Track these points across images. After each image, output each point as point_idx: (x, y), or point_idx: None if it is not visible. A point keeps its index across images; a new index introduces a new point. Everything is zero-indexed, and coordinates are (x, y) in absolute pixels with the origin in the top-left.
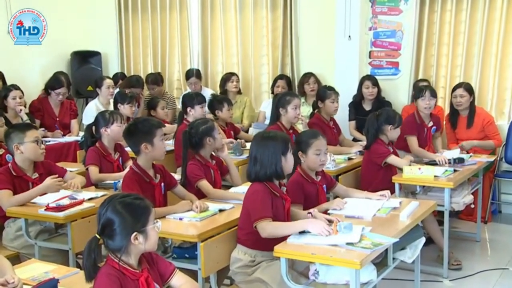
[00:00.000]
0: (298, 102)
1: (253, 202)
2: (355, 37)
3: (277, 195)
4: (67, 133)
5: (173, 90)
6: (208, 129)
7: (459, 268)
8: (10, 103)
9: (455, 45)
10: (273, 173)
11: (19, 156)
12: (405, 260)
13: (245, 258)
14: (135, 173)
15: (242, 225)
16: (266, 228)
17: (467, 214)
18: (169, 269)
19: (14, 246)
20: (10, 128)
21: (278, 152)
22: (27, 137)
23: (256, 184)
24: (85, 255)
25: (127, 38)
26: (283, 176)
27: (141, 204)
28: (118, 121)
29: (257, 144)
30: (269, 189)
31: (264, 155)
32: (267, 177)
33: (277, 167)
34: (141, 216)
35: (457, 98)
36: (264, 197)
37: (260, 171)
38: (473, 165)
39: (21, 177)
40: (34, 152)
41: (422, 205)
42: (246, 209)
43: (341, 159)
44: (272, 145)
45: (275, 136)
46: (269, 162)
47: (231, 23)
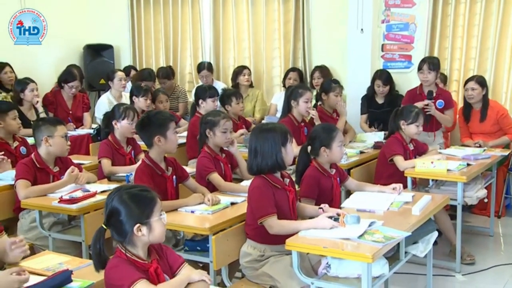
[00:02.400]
0: (310, 95)
1: (254, 199)
2: (367, 30)
3: (278, 187)
4: (80, 126)
5: (185, 83)
6: (210, 121)
7: (472, 263)
8: (27, 96)
9: (469, 37)
10: (274, 164)
11: (45, 148)
12: (417, 254)
13: (254, 252)
14: (147, 166)
15: (249, 221)
16: (273, 227)
17: (480, 208)
18: (178, 261)
19: (28, 237)
20: (41, 120)
21: (278, 143)
22: (57, 131)
23: (256, 180)
24: (92, 244)
25: (139, 31)
26: (284, 167)
27: (147, 195)
28: (129, 118)
29: (256, 136)
30: (270, 182)
31: (264, 147)
32: (268, 169)
33: (278, 158)
34: (145, 207)
35: (468, 91)
36: (265, 193)
37: (261, 163)
38: (486, 159)
39: (43, 169)
40: (61, 147)
41: (435, 199)
42: (249, 206)
43: (353, 152)
44: (271, 137)
45: (274, 127)
46: (270, 153)
47: (243, 16)
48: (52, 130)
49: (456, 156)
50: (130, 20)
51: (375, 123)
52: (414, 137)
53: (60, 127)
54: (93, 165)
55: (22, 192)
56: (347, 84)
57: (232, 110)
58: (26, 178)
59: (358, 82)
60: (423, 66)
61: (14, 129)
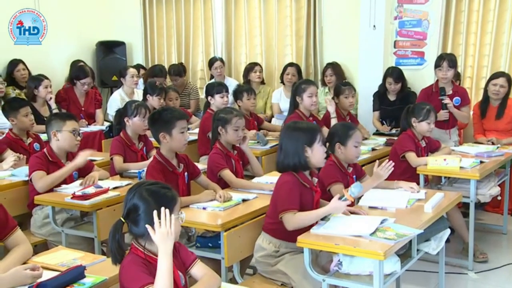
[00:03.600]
0: (314, 89)
1: (280, 193)
2: (380, 26)
3: (306, 186)
4: (92, 122)
5: (197, 80)
6: (222, 119)
7: (485, 261)
8: (41, 92)
9: (483, 34)
10: (297, 164)
11: (55, 143)
12: (430, 251)
13: (269, 247)
14: (158, 163)
15: (270, 214)
16: (290, 222)
17: (493, 206)
18: (190, 258)
19: (41, 233)
20: (53, 115)
21: (302, 143)
22: (66, 126)
23: (286, 175)
24: (110, 237)
25: (151, 28)
26: (307, 167)
27: (168, 193)
28: (141, 115)
29: (284, 134)
30: (299, 180)
31: (288, 145)
32: (291, 168)
33: (301, 158)
34: (166, 205)
35: (497, 87)
36: (292, 189)
37: (284, 161)
38: (500, 157)
39: (55, 163)
40: (69, 141)
41: (447, 196)
42: (274, 199)
43: (365, 149)
44: (296, 136)
45: (302, 127)
46: (293, 152)
47: (255, 13)
48: (61, 125)
49: (469, 154)
50: (142, 17)
51: (387, 120)
52: (426, 134)
53: (70, 122)
54: (105, 161)
55: (39, 183)
56: (359, 81)
57: (243, 105)
58: (40, 169)
59: (370, 79)
60: (442, 63)
61: (26, 126)
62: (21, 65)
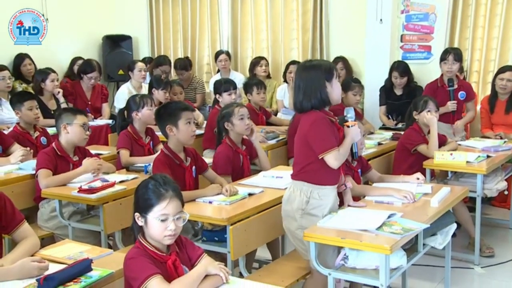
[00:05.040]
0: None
1: (312, 134)
2: (386, 20)
3: (333, 120)
4: (99, 116)
5: (203, 74)
6: (226, 114)
7: (492, 256)
8: (48, 86)
9: (491, 27)
10: (319, 100)
11: (64, 136)
12: (436, 246)
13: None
14: (165, 156)
15: (298, 159)
16: (337, 159)
17: (500, 200)
18: (197, 253)
19: (48, 226)
20: (63, 109)
21: (322, 79)
22: (76, 120)
23: (311, 114)
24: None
25: (157, 22)
26: (329, 103)
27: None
28: (148, 104)
29: (299, 74)
30: (325, 116)
31: (307, 84)
32: (313, 106)
33: (322, 94)
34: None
35: (504, 81)
36: (326, 126)
37: (303, 101)
38: (507, 151)
39: (64, 157)
40: (79, 135)
41: (454, 191)
42: (303, 141)
43: (371, 144)
44: (314, 73)
45: (318, 64)
46: (314, 90)
47: (261, 7)
48: (71, 118)
49: (476, 148)
50: (148, 11)
51: (394, 114)
52: (427, 125)
53: (80, 116)
54: (111, 155)
55: (43, 181)
56: (365, 75)
57: (252, 99)
58: (47, 167)
59: (376, 73)
60: (448, 57)
61: (30, 119)
62: (28, 60)
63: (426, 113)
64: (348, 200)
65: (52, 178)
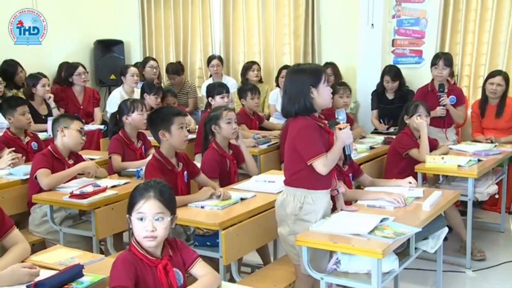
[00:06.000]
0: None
1: (300, 140)
2: (378, 25)
3: (322, 126)
4: (91, 121)
5: (195, 79)
6: (213, 117)
7: (483, 259)
8: (39, 91)
9: (481, 32)
10: (301, 107)
11: (60, 139)
12: (428, 250)
13: (293, 204)
14: (157, 161)
15: (288, 165)
16: (325, 165)
17: (491, 204)
18: (192, 257)
19: (39, 231)
20: (61, 115)
21: (307, 85)
22: (73, 124)
23: (299, 120)
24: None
25: (149, 27)
26: (313, 109)
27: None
28: (138, 109)
29: (287, 78)
30: (313, 121)
31: (292, 89)
32: (296, 112)
33: (306, 100)
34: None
35: (494, 86)
36: (312, 132)
37: (287, 106)
38: (498, 155)
39: (59, 159)
40: (75, 139)
41: (445, 195)
42: (292, 147)
43: (363, 148)
44: (300, 78)
45: (305, 68)
46: (297, 95)
47: (253, 12)
48: (69, 123)
49: (467, 152)
50: (140, 16)
51: (385, 118)
52: (417, 130)
53: (77, 122)
54: (103, 160)
55: (44, 180)
56: (357, 79)
57: (246, 104)
58: (45, 167)
59: (368, 77)
60: (438, 62)
61: (23, 124)
62: (19, 68)
63: (416, 118)
64: (340, 205)
65: (52, 176)
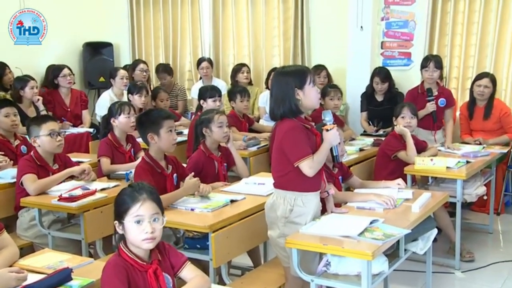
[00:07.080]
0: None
1: (287, 142)
2: (367, 27)
3: (308, 127)
4: (79, 124)
5: (184, 81)
6: (205, 120)
7: (472, 260)
8: (27, 93)
9: (469, 35)
10: (287, 110)
11: (37, 148)
12: (417, 251)
13: (283, 207)
14: (146, 164)
15: (276, 167)
16: (311, 167)
17: (479, 205)
18: (180, 260)
19: (27, 235)
20: (30, 120)
21: (292, 86)
22: (42, 130)
23: (285, 122)
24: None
25: (138, 29)
26: (299, 111)
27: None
28: (125, 112)
29: (273, 80)
30: (299, 123)
31: (278, 92)
32: (282, 115)
33: (291, 103)
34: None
35: (481, 88)
36: (299, 134)
37: (274, 109)
38: (486, 157)
39: (43, 166)
40: (49, 145)
41: (434, 196)
42: (279, 150)
43: (353, 150)
44: (285, 80)
45: (290, 70)
46: (282, 98)
47: (243, 14)
48: (37, 130)
49: (455, 154)
50: (129, 18)
51: (375, 120)
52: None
53: (45, 125)
54: (92, 163)
55: (31, 186)
56: (347, 81)
57: (236, 106)
58: (31, 172)
59: (358, 79)
60: (429, 64)
61: (7, 126)
62: (7, 69)
63: (399, 120)
64: (330, 207)
65: (39, 182)
